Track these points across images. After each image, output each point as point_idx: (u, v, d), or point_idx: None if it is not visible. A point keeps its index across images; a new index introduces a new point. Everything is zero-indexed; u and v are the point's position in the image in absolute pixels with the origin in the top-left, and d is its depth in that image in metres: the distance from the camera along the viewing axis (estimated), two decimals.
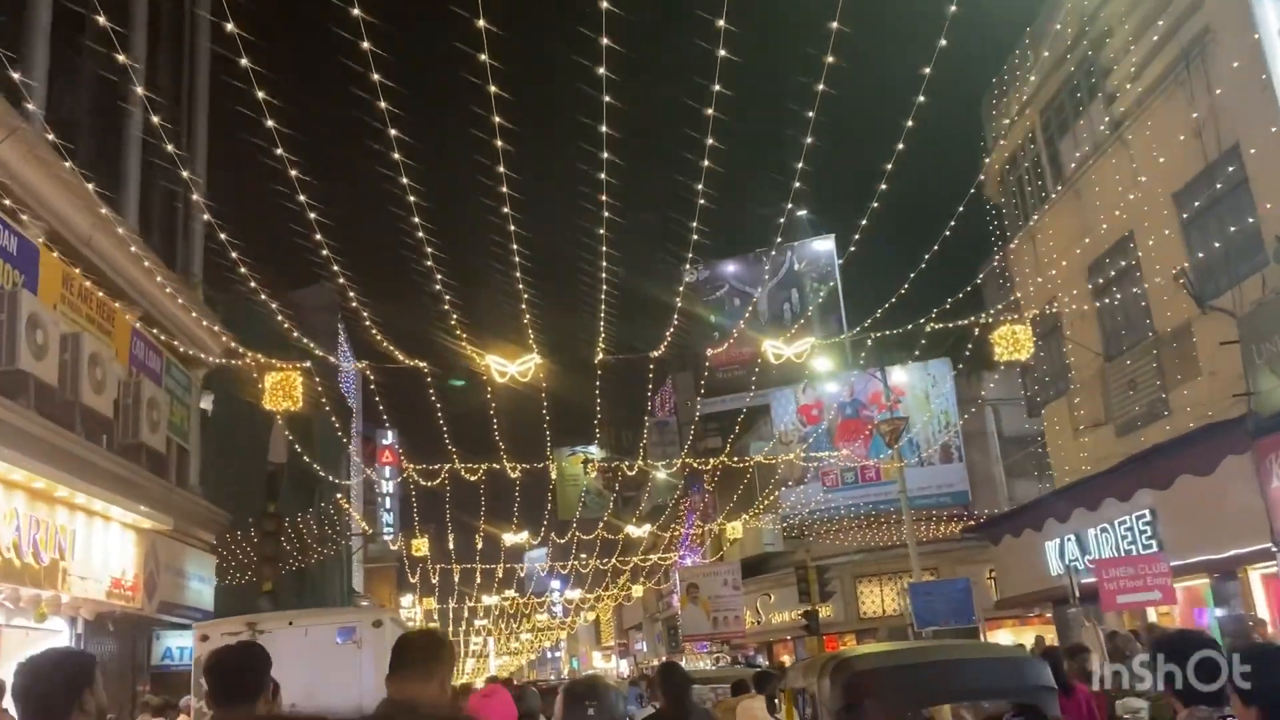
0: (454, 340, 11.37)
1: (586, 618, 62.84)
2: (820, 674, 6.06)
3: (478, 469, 19.22)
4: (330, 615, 9.06)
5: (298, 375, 11.68)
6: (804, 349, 11.56)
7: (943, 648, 7.41)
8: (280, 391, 11.47)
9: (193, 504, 15.61)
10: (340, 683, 8.10)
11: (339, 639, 8.31)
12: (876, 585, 29.93)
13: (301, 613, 10.33)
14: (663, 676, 6.26)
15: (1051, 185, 19.19)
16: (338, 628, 8.42)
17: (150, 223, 15.89)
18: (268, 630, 8.34)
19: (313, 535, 26.47)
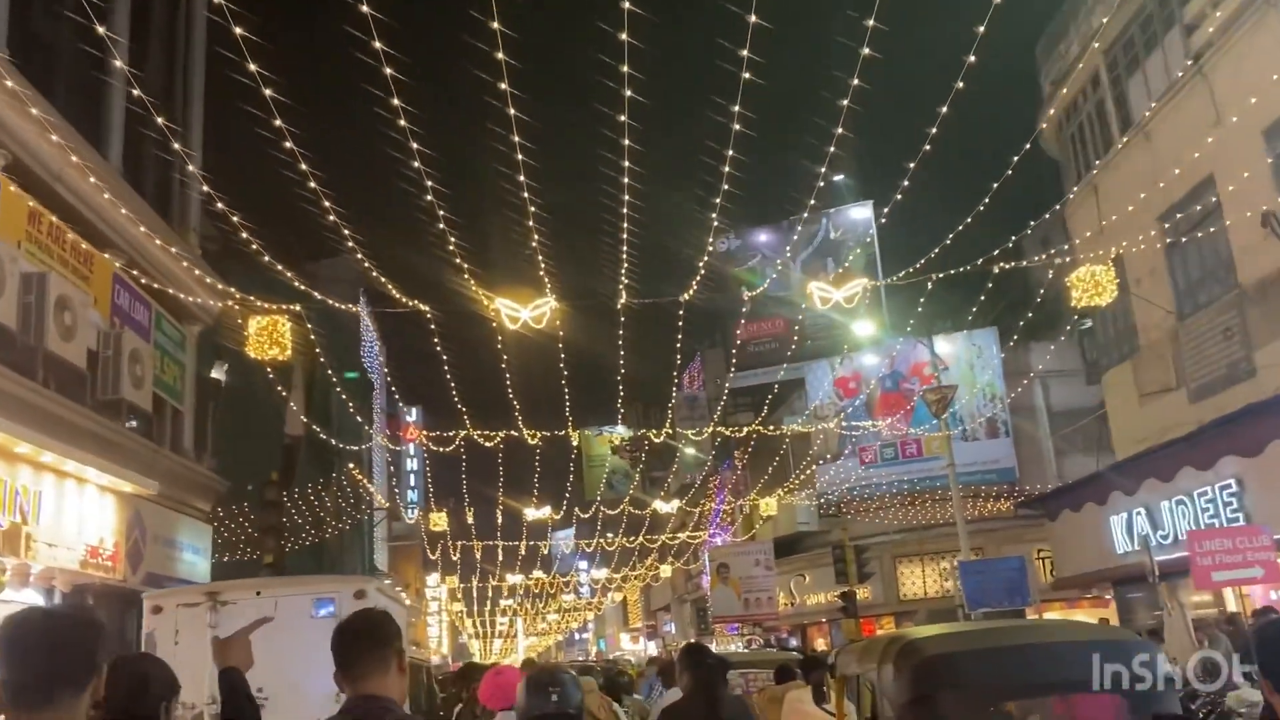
0: (461, 283, 10.11)
1: (614, 598, 61.83)
2: (881, 659, 4.91)
3: (495, 436, 18.00)
4: (304, 583, 7.83)
5: (285, 321, 10.45)
6: (855, 291, 10.21)
7: (1030, 628, 6.20)
8: (266, 338, 10.24)
9: (186, 469, 14.50)
10: (318, 664, 6.83)
11: (316, 612, 7.10)
12: (918, 566, 28.52)
13: (271, 580, 9.15)
14: (688, 659, 5.40)
15: (1118, 131, 17.63)
16: (314, 598, 7.19)
17: (142, 172, 14.74)
18: (231, 601, 7.16)
19: (325, 508, 25.40)
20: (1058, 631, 5.42)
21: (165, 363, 14.17)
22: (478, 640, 74.70)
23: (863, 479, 30.06)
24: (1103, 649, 4.77)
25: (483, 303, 10.13)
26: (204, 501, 14.95)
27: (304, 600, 7.21)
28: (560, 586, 55.61)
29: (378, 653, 2.97)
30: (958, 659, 4.61)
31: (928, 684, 4.57)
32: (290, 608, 7.21)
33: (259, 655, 6.45)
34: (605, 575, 48.81)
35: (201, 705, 6.90)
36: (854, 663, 5.72)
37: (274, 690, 6.93)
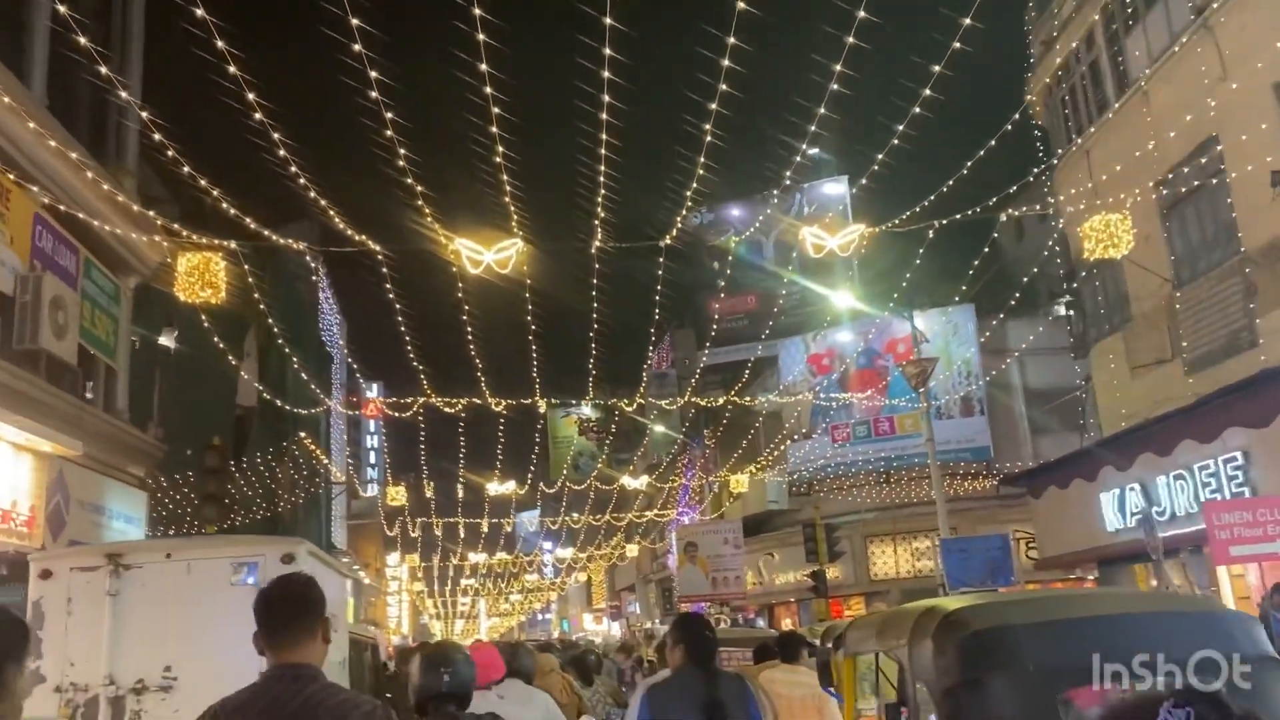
0: (420, 222, 9.10)
1: (578, 578, 61.01)
2: (914, 633, 4.12)
3: (457, 404, 16.98)
4: (222, 545, 6.74)
5: (219, 259, 9.35)
6: (850, 238, 9.31)
7: (1099, 597, 5.14)
8: (198, 278, 9.14)
9: (119, 431, 13.36)
10: (240, 639, 5.84)
11: (237, 579, 6.10)
12: (889, 545, 27.88)
13: (184, 541, 8.12)
14: (682, 631, 5.00)
15: (1114, 93, 16.87)
16: (234, 562, 6.17)
17: (74, 109, 13.53)
18: (136, 565, 6.13)
19: (277, 480, 24.27)
20: (1133, 601, 4.55)
21: (95, 315, 13.02)
22: (440, 621, 73.71)
23: (835, 457, 29.38)
24: (1195, 624, 3.92)
25: (442, 244, 9.13)
26: (139, 467, 13.83)
27: (222, 565, 6.19)
28: (524, 566, 54.67)
29: (304, 620, 2.91)
30: (1018, 634, 3.74)
31: (981, 664, 3.70)
32: (206, 574, 6.19)
33: (176, 627, 5.68)
34: (570, 554, 47.90)
35: (97, 687, 5.90)
36: (870, 638, 4.93)
37: (186, 670, 5.96)
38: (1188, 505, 13.27)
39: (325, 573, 6.59)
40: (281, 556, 6.03)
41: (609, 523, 36.25)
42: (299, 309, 36.12)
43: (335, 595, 6.94)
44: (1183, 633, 3.77)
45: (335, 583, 6.98)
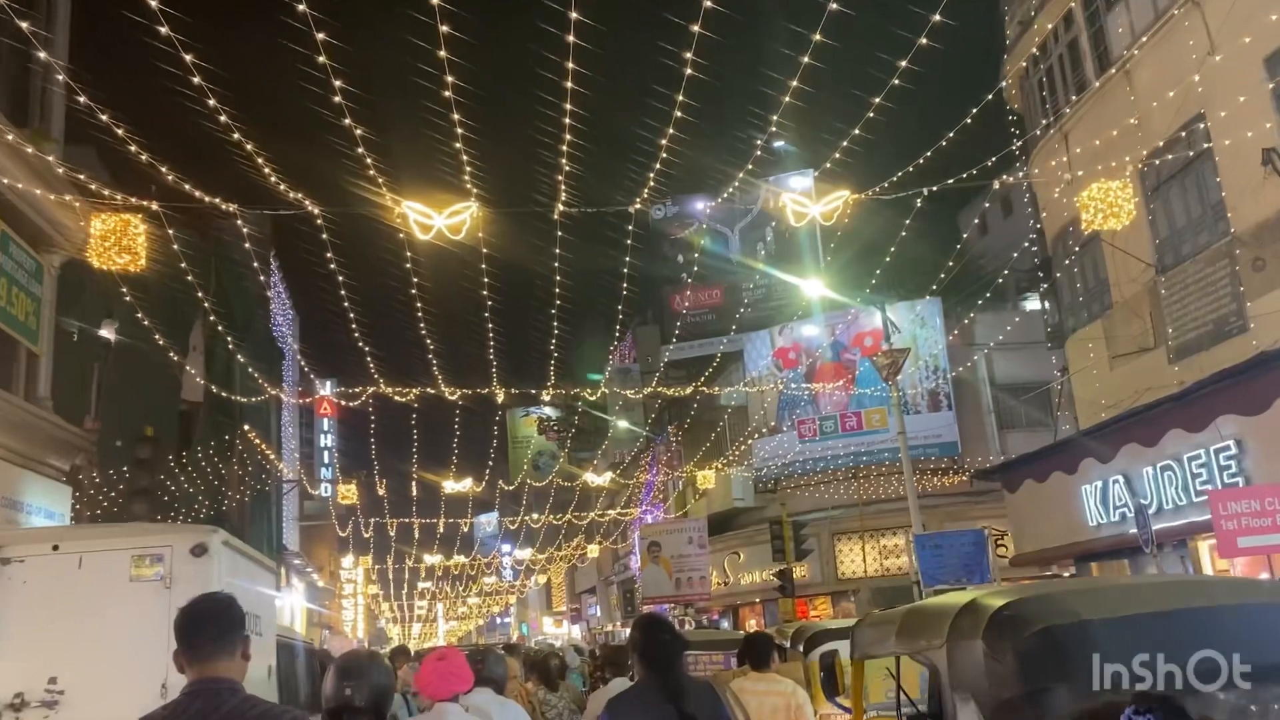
0: (365, 184, 8.24)
1: (538, 581, 60.02)
2: (955, 633, 3.43)
3: (409, 393, 16.05)
4: (121, 534, 5.79)
5: (138, 222, 8.37)
6: (834, 205, 8.57)
7: (1180, 587, 4.17)
8: (113, 242, 8.13)
9: (38, 420, 12.32)
10: (140, 645, 5.00)
11: (139, 575, 5.17)
12: (857, 543, 27.28)
13: (77, 530, 7.18)
14: (642, 636, 4.39)
15: (1094, 72, 16.34)
16: (133, 553, 5.25)
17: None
18: (16, 558, 5.21)
19: (222, 478, 23.18)
20: (1222, 591, 3.80)
21: (13, 293, 11.97)
22: (396, 625, 72.36)
23: (802, 453, 28.74)
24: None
25: (389, 206, 8.27)
26: (62, 459, 12.77)
27: (120, 559, 5.26)
28: (481, 569, 53.60)
29: (226, 637, 2.93)
30: (1098, 632, 3.02)
31: (1051, 670, 2.99)
32: (101, 569, 5.26)
33: (63, 632, 4.83)
34: (529, 555, 46.92)
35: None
36: (889, 639, 4.28)
37: (75, 683, 5.06)
38: (1176, 497, 12.73)
39: (247, 568, 5.73)
40: (192, 548, 5.15)
41: (570, 523, 35.37)
42: (247, 301, 34.89)
43: (261, 594, 6.10)
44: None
45: (261, 579, 6.12)
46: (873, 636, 4.68)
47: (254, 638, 6.11)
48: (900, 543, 26.89)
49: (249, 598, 5.59)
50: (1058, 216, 17.35)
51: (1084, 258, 16.87)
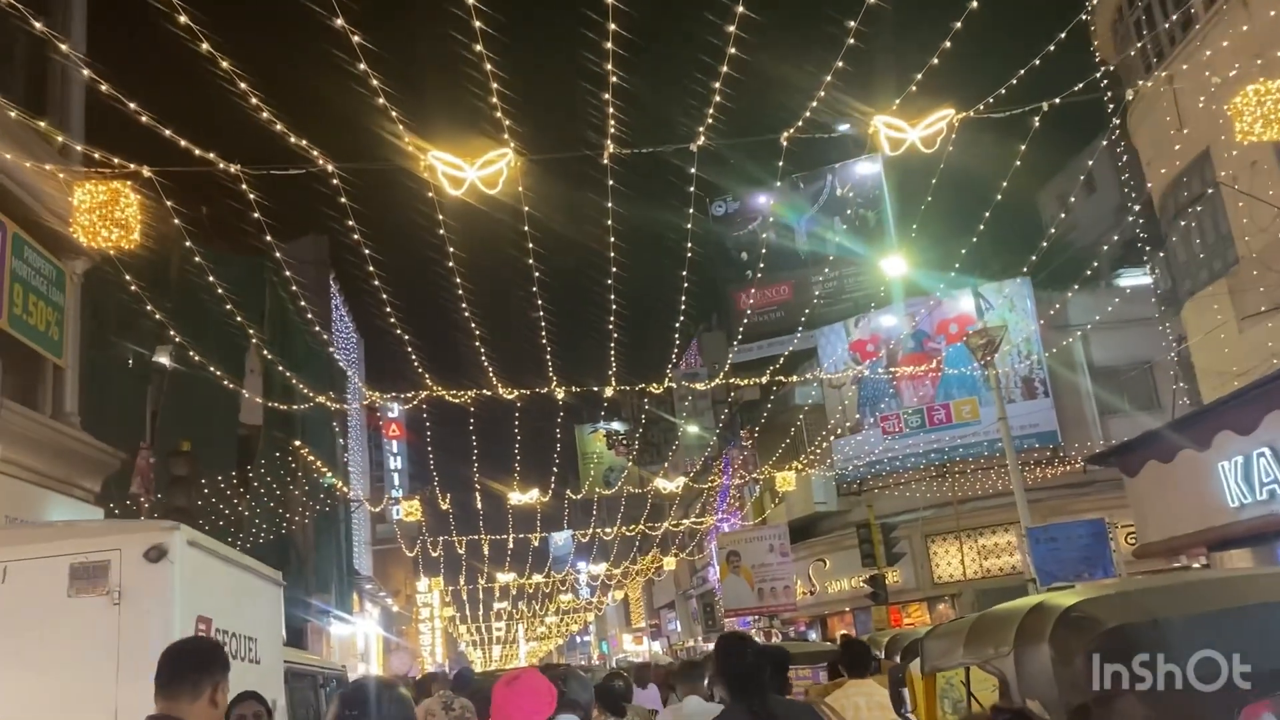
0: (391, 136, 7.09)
1: (614, 597, 58.80)
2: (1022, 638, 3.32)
3: (463, 394, 14.92)
4: (58, 536, 4.52)
5: (129, 192, 7.26)
6: (937, 127, 7.15)
7: (1264, 580, 3.90)
8: (101, 215, 7.05)
9: (63, 438, 11.41)
10: (80, 676, 3.84)
11: (79, 588, 3.98)
12: (953, 544, 25.48)
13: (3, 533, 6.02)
14: (726, 655, 4.00)
15: (1203, 3, 14.64)
16: (71, 561, 4.05)
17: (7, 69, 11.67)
18: None
19: (281, 500, 22.38)
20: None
21: (29, 301, 11.08)
22: (477, 648, 71.77)
23: (887, 451, 27.06)
24: None
25: (415, 158, 7.09)
26: (90, 479, 11.86)
27: (55, 569, 4.06)
28: (557, 586, 52.55)
29: (189, 677, 2.99)
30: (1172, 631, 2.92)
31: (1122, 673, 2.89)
32: (31, 581, 4.05)
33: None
34: (604, 570, 45.69)
35: None
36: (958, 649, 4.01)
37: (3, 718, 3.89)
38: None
39: (229, 577, 4.54)
40: (146, 552, 3.95)
41: (643, 534, 34.02)
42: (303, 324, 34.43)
43: (254, 610, 4.91)
44: None
45: (254, 592, 4.92)
46: (941, 648, 4.40)
47: (247, 665, 4.93)
48: (1002, 541, 25.08)
49: (234, 615, 4.39)
50: (1168, 166, 15.61)
51: (1201, 215, 15.12)
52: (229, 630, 4.31)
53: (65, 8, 12.41)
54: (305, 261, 38.16)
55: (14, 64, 11.71)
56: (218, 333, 18.43)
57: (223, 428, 24.03)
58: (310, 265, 38.81)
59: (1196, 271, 15.78)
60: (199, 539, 4.19)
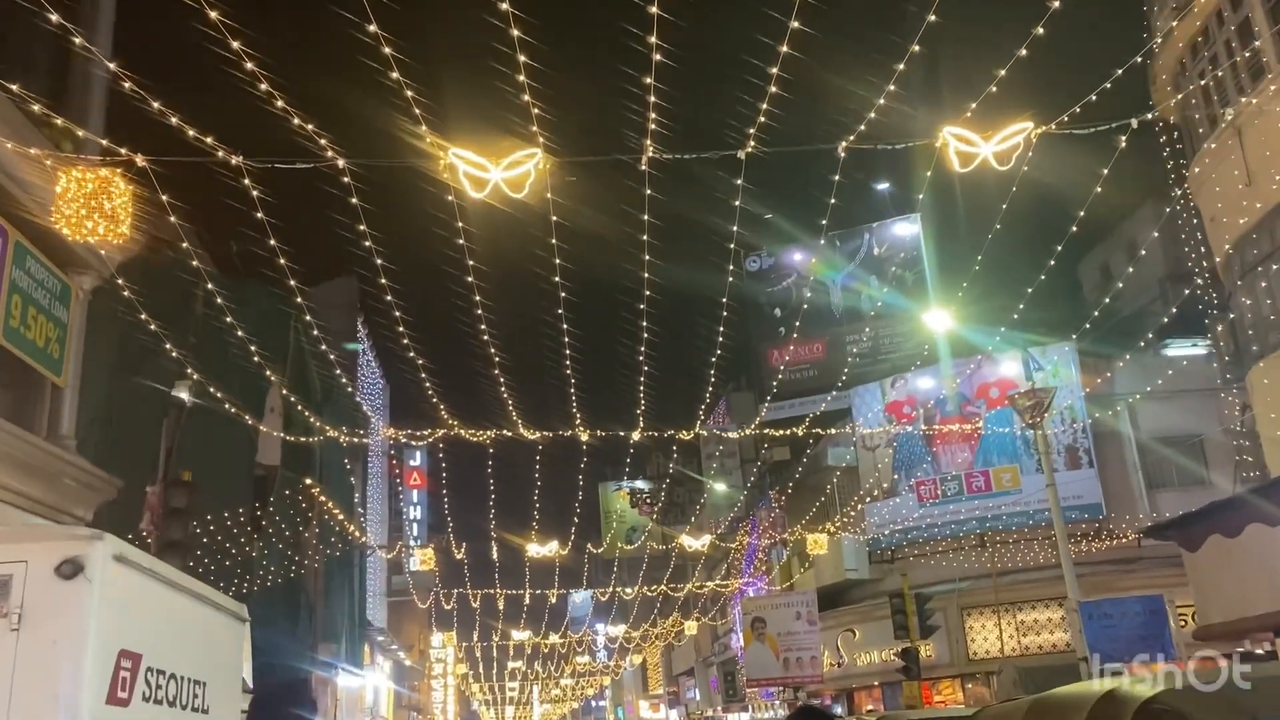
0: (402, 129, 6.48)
1: (632, 660, 57.19)
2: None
3: (482, 434, 14.16)
4: None
5: (120, 180, 6.60)
6: (1013, 142, 6.36)
7: None
8: (85, 205, 6.38)
9: (56, 461, 10.74)
10: None
11: None
12: (990, 618, 24.25)
13: None
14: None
15: (1276, 55, 13.94)
16: None
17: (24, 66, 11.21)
18: None
19: (294, 544, 21.62)
20: None
21: (30, 315, 10.51)
22: (490, 708, 70.08)
23: (922, 519, 25.95)
24: None
25: (434, 156, 6.45)
26: (83, 507, 11.16)
27: None
28: (573, 647, 51.15)
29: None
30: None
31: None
32: None
33: None
34: (622, 632, 44.34)
35: None
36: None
37: None
38: None
39: (170, 604, 3.74)
40: (59, 566, 3.21)
41: (665, 595, 32.85)
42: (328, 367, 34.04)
43: (206, 649, 4.11)
44: None
45: (206, 626, 4.13)
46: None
47: (190, 716, 4.14)
48: (1043, 617, 23.82)
49: (175, 652, 3.61)
50: (1235, 223, 14.78)
51: (1269, 272, 14.25)
52: (165, 670, 3.52)
53: None
54: (334, 306, 37.86)
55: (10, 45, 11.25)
56: (238, 370, 17.92)
57: (239, 467, 23.47)
58: (339, 309, 38.49)
59: (1265, 333, 14.85)
60: (129, 554, 3.42)
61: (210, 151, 6.48)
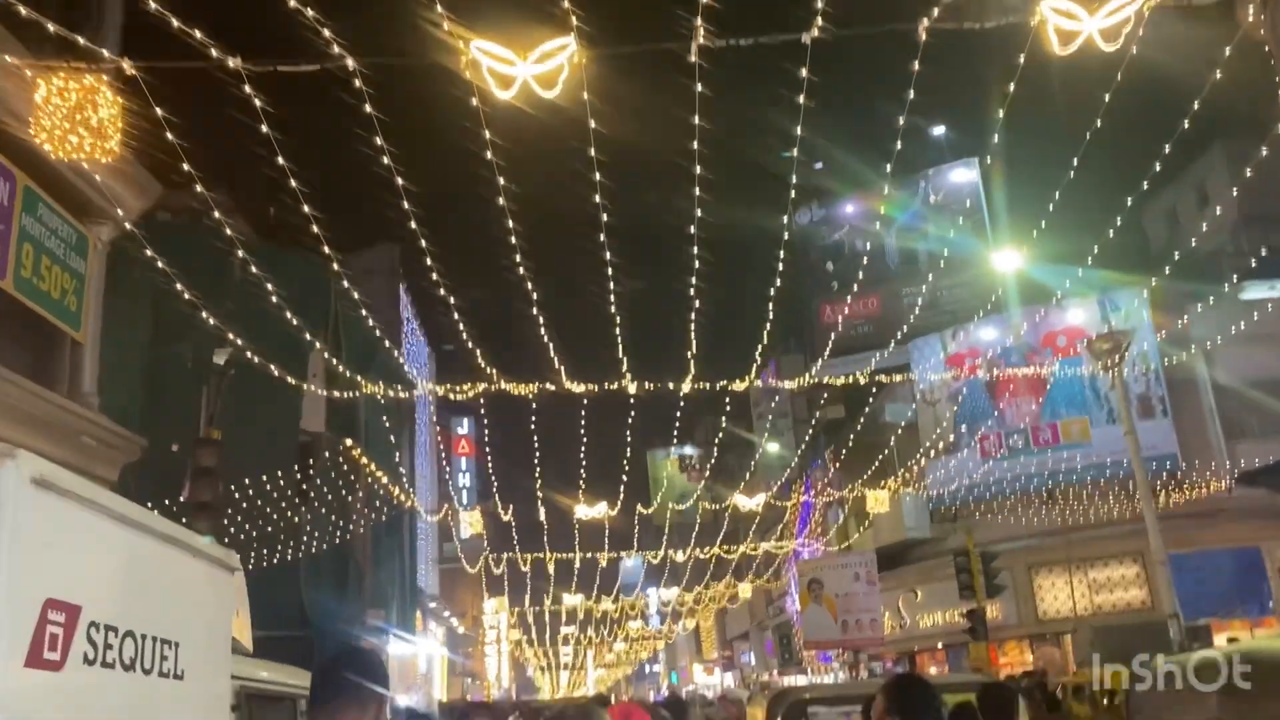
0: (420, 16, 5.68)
1: (685, 625, 56.81)
2: None
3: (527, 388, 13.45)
4: None
5: (107, 89, 5.87)
6: (1123, 14, 5.44)
7: None
8: (67, 118, 5.68)
9: (77, 420, 10.21)
10: None
11: None
12: (1061, 576, 23.24)
13: None
14: (903, 699, 3.79)
15: None
16: None
17: None
18: None
19: (330, 506, 21.22)
20: None
21: (43, 266, 9.94)
22: (545, 673, 70.32)
23: (987, 475, 24.90)
24: None
25: (454, 49, 5.65)
26: (107, 467, 10.62)
27: None
28: (626, 611, 50.81)
29: (358, 693, 3.01)
30: None
31: None
32: None
33: None
34: (675, 595, 43.82)
35: None
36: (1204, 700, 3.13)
37: None
38: None
39: (122, 541, 3.00)
40: None
41: (717, 557, 32.14)
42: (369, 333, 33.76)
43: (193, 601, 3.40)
44: None
45: (175, 572, 3.39)
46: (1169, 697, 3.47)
47: (158, 681, 3.43)
48: (1116, 574, 22.76)
49: (129, 605, 2.91)
50: None
51: None
52: (117, 626, 2.80)
53: None
54: (375, 271, 37.46)
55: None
56: (279, 337, 17.47)
57: (283, 434, 23.17)
58: (380, 275, 38.07)
59: None
60: (57, 478, 2.68)
61: (205, 54, 5.72)
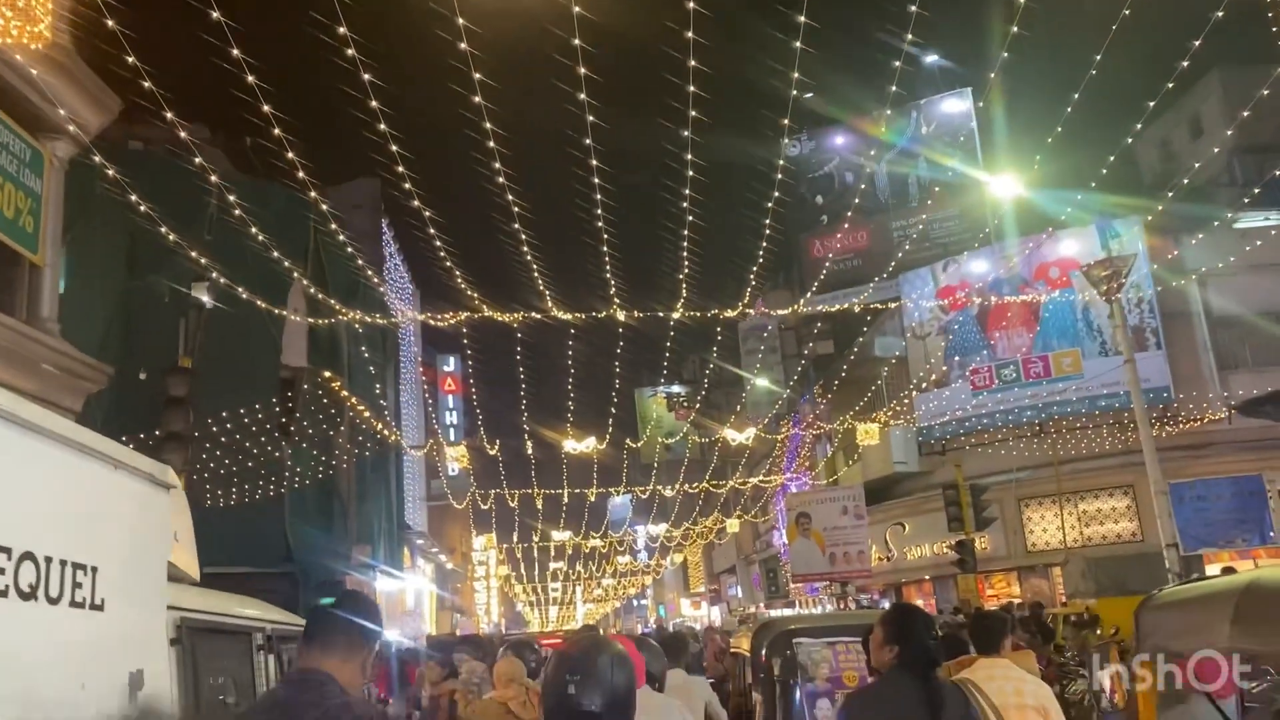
0: None
1: (673, 560, 57.14)
2: None
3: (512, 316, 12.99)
4: None
5: None
6: None
7: None
8: None
9: (37, 347, 9.72)
10: None
11: None
12: (1050, 509, 23.13)
13: None
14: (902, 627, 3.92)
15: None
16: None
17: None
18: None
19: (312, 441, 20.85)
20: None
21: (2, 184, 9.37)
22: (534, 608, 70.87)
23: (977, 408, 24.68)
24: None
25: None
26: (70, 396, 10.15)
27: None
28: (614, 547, 50.99)
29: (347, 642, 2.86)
30: None
31: None
32: None
33: None
34: (663, 531, 43.91)
35: None
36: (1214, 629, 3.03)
37: None
38: None
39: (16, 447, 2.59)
40: None
41: (706, 491, 32.02)
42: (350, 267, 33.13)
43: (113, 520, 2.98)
44: None
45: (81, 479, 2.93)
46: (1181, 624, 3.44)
47: (69, 611, 2.99)
48: (1106, 506, 22.68)
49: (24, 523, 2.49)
50: None
51: None
52: (9, 548, 2.40)
53: None
54: (356, 205, 36.71)
55: None
56: (258, 270, 16.98)
57: (263, 369, 22.73)
58: (362, 209, 37.30)
59: None
60: None
61: None
